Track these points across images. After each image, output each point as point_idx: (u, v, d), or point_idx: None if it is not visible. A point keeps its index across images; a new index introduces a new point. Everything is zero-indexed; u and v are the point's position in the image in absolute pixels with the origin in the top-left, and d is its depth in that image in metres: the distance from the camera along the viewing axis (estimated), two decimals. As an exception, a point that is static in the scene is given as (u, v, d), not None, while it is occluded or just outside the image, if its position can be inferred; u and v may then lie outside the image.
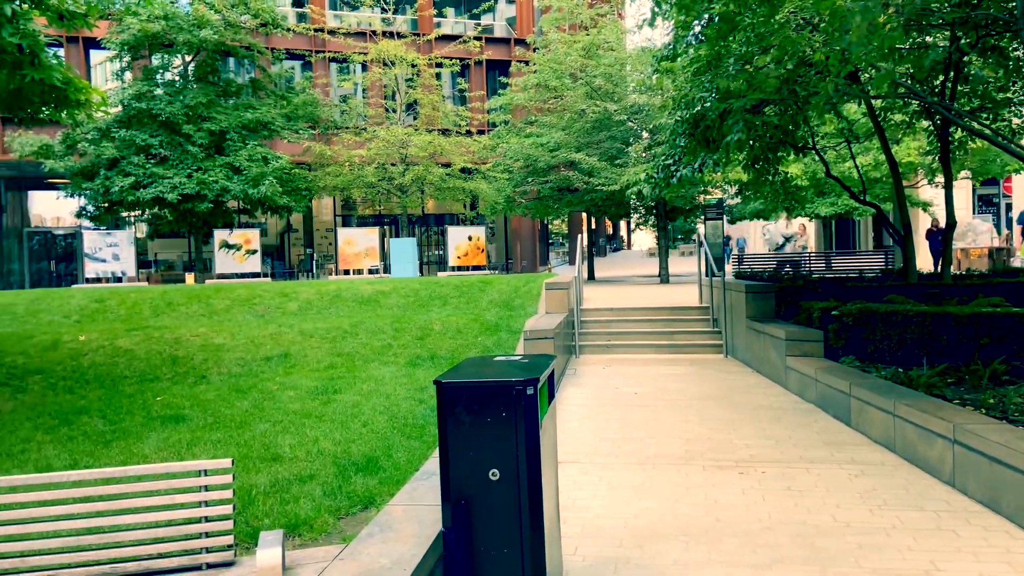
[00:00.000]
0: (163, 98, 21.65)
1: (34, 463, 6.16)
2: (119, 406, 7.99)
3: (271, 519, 4.91)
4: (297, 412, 7.62)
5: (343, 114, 26.62)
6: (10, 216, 37.97)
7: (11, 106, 8.84)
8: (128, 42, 21.48)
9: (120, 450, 6.45)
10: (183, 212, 22.11)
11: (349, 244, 25.75)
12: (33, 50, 7.22)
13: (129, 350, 10.56)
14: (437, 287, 15.13)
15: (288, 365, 10.09)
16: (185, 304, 14.11)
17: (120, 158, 20.92)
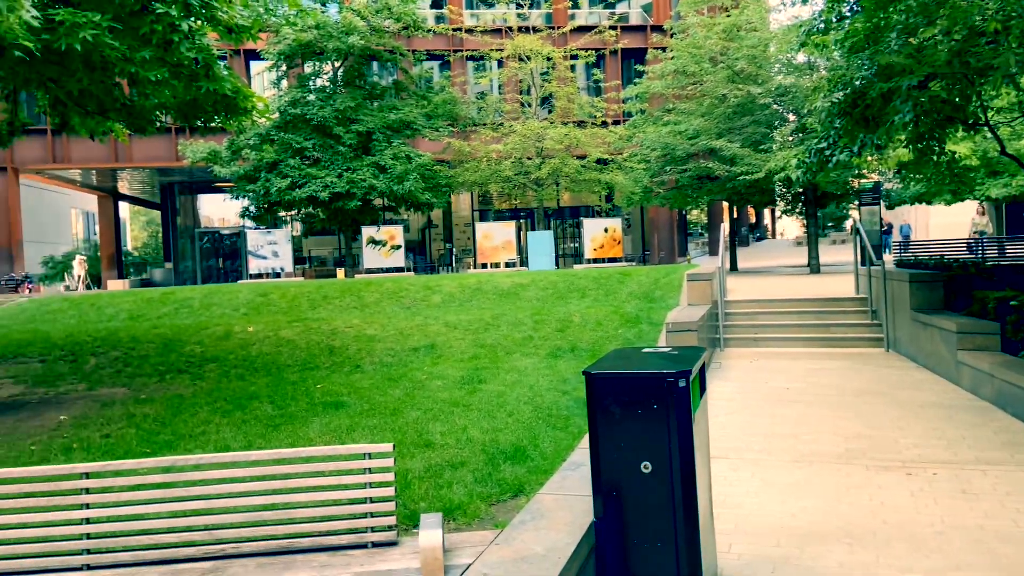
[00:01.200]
0: (315, 103, 22.94)
1: (214, 444, 6.73)
2: (285, 392, 8.57)
3: (427, 503, 5.11)
4: (445, 401, 7.87)
5: (480, 111, 27.16)
6: (183, 218, 41.52)
7: (187, 116, 9.66)
8: (284, 52, 22.92)
9: (288, 433, 6.92)
10: (334, 210, 23.35)
11: (487, 238, 26.26)
12: (207, 63, 7.88)
13: (291, 340, 11.30)
14: (575, 279, 15.16)
15: (435, 356, 10.45)
16: (339, 297, 14.92)
17: (278, 161, 22.38)
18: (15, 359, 10.98)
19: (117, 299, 16.01)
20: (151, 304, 15.29)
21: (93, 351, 11.16)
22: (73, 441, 7.01)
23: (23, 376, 10.20)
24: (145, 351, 11.12)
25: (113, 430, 7.34)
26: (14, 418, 8.15)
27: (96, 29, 6.59)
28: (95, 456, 6.54)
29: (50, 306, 15.57)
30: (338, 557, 4.01)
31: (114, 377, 10.08)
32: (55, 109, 9.97)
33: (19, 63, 7.31)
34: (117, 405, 8.47)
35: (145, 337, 11.85)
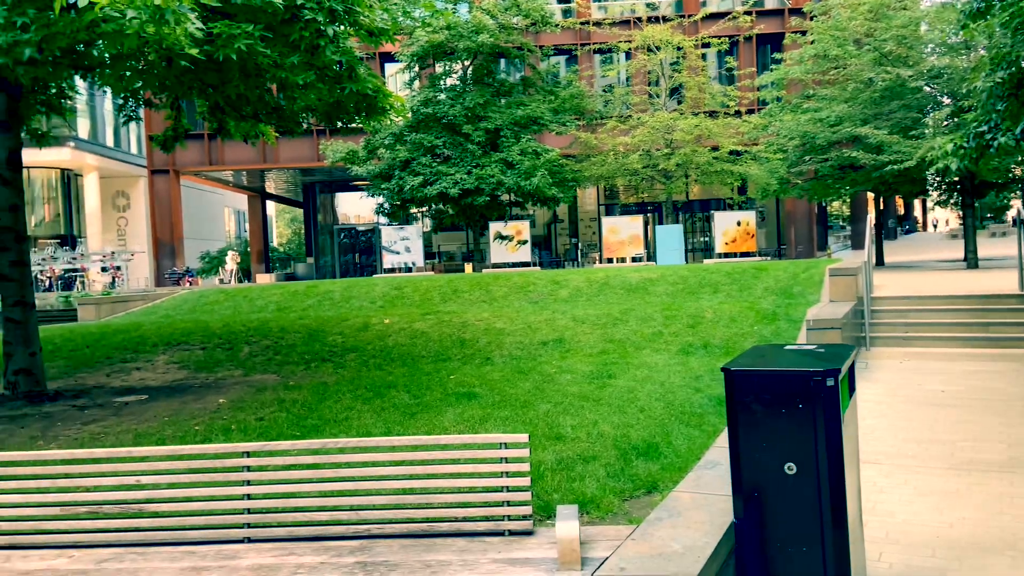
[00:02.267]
0: (446, 102, 23.54)
1: (356, 429, 7.05)
2: (420, 382, 8.87)
3: (559, 494, 5.14)
4: (575, 395, 7.88)
5: (607, 104, 26.95)
6: (323, 215, 43.72)
7: (331, 117, 10.17)
8: (417, 53, 23.65)
9: (424, 422, 7.15)
10: (463, 206, 23.88)
11: (613, 232, 26.04)
12: (351, 64, 8.28)
13: (424, 332, 11.67)
14: (706, 274, 14.77)
15: (563, 350, 10.48)
16: (468, 291, 15.26)
17: (411, 159, 23.14)
18: (179, 346, 11.96)
19: (266, 292, 17.10)
20: (296, 297, 16.22)
21: (247, 340, 11.98)
22: (231, 423, 7.55)
23: (187, 362, 11.10)
24: (292, 341, 11.81)
25: (266, 414, 7.84)
26: (180, 400, 8.88)
27: (250, 39, 7.05)
28: (251, 437, 7.01)
29: (208, 298, 16.84)
30: (476, 543, 4.10)
31: (265, 364, 10.77)
32: (213, 115, 10.76)
33: (184, 72, 7.94)
34: (269, 391, 9.04)
35: (292, 328, 12.58)
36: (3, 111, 9.15)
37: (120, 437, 7.30)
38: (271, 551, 4.19)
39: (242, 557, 4.13)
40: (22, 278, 9.39)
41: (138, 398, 9.11)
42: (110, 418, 8.12)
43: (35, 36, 6.29)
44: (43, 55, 6.48)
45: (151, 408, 8.50)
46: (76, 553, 4.32)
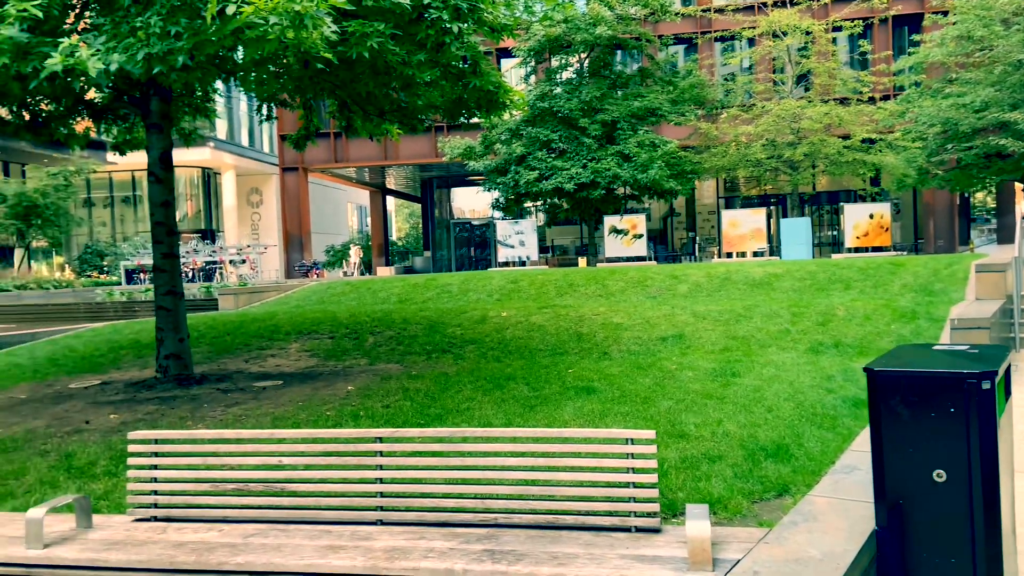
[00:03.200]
0: (562, 96, 23.52)
1: (478, 419, 7.19)
2: (538, 375, 8.92)
3: (684, 493, 5.05)
4: (697, 392, 7.71)
5: (728, 93, 26.14)
6: (440, 210, 44.73)
7: (453, 113, 10.38)
8: (534, 48, 23.75)
9: (544, 414, 7.19)
10: (578, 200, 23.81)
11: (733, 226, 25.26)
12: (475, 60, 8.42)
13: (541, 326, 11.74)
14: (836, 269, 14.08)
15: (683, 346, 10.27)
16: (584, 285, 15.22)
17: (527, 154, 23.28)
18: (310, 335, 12.57)
19: (388, 284, 17.69)
20: (416, 289, 16.69)
21: (371, 330, 12.44)
22: (360, 409, 7.86)
23: (317, 350, 11.64)
24: (414, 332, 12.16)
25: (392, 402, 8.12)
26: (312, 386, 9.33)
27: (381, 37, 7.29)
28: (378, 423, 7.29)
29: (335, 289, 17.60)
30: (602, 538, 4.09)
31: (389, 354, 11.15)
32: (342, 113, 11.21)
33: (318, 73, 8.31)
34: (393, 379, 9.36)
35: (413, 319, 12.96)
36: (157, 114, 9.88)
37: (259, 420, 7.75)
38: (402, 534, 4.34)
39: (375, 539, 4.29)
40: (172, 269, 10.12)
41: (274, 383, 9.64)
42: (250, 401, 8.63)
43: (187, 44, 6.75)
44: (193, 61, 6.94)
45: (286, 393, 8.98)
46: (225, 527, 4.62)
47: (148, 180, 10.08)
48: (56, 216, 31.76)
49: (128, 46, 6.84)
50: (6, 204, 29.90)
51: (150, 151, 10.00)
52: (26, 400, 9.31)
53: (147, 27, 6.82)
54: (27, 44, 6.68)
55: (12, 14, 6.47)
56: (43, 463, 6.61)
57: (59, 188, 31.62)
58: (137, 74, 6.86)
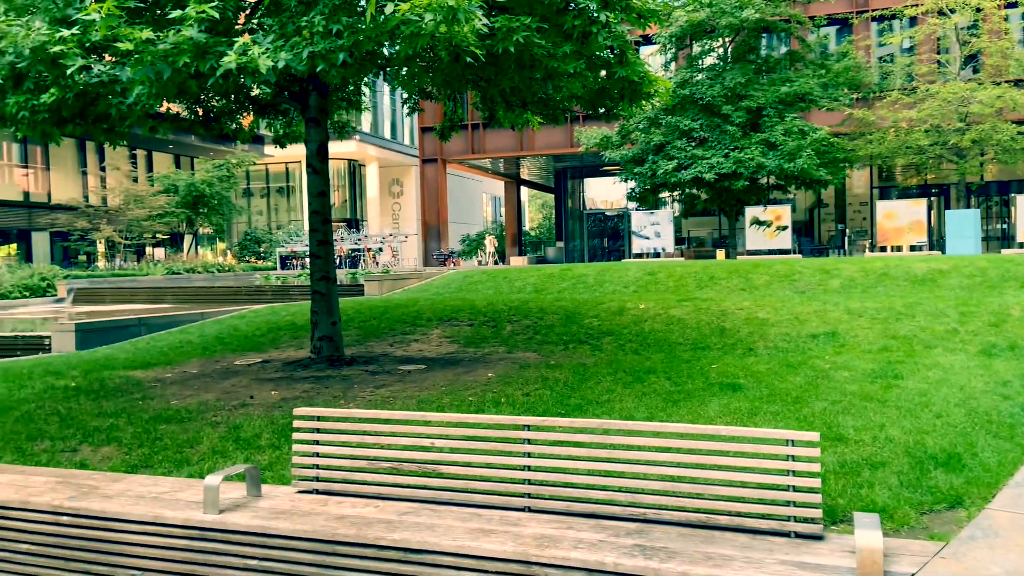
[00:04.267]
0: (704, 83, 22.82)
1: (618, 412, 7.12)
2: (679, 370, 8.73)
3: (844, 500, 4.78)
4: (855, 394, 7.28)
5: (886, 76, 24.45)
6: (572, 200, 44.69)
7: (594, 103, 10.29)
8: (675, 34, 23.16)
9: (687, 410, 7.03)
10: (718, 190, 23.06)
11: (889, 218, 23.70)
12: (622, 50, 8.30)
13: (681, 319, 11.47)
14: (1011, 266, 12.87)
15: (836, 344, 9.73)
16: (725, 278, 14.73)
17: (665, 143, 22.78)
18: (450, 321, 12.90)
19: (523, 274, 17.87)
20: (552, 279, 16.75)
21: (509, 319, 12.61)
22: (500, 396, 7.99)
23: (457, 337, 11.94)
24: (550, 322, 12.21)
25: (531, 390, 8.20)
26: (453, 372, 9.58)
27: (527, 31, 7.31)
28: (518, 411, 7.37)
29: (472, 278, 17.98)
30: (759, 541, 3.94)
31: (526, 343, 11.26)
32: (484, 104, 11.38)
33: (466, 67, 8.47)
34: (532, 368, 9.44)
35: (550, 309, 13.02)
36: (315, 109, 10.41)
37: (406, 402, 8.03)
38: (550, 523, 4.36)
39: (524, 525, 4.34)
40: (327, 256, 10.66)
41: (418, 367, 9.97)
42: (396, 384, 8.97)
43: (347, 42, 7.05)
44: (352, 58, 7.25)
45: (429, 377, 9.26)
46: (380, 504, 4.82)
47: (307, 171, 10.65)
48: (220, 205, 34.33)
49: (294, 44, 7.23)
50: (178, 194, 32.63)
51: (308, 144, 10.56)
52: (197, 375, 10.11)
53: (311, 26, 7.18)
54: (205, 44, 7.19)
55: (192, 16, 6.98)
56: (214, 434, 7.14)
57: (223, 179, 34.15)
58: (301, 71, 7.24)
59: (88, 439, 7.08)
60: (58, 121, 9.23)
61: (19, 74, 7.75)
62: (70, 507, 4.90)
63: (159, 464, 6.33)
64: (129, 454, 6.63)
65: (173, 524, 4.71)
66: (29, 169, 33.91)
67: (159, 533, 4.74)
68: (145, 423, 7.51)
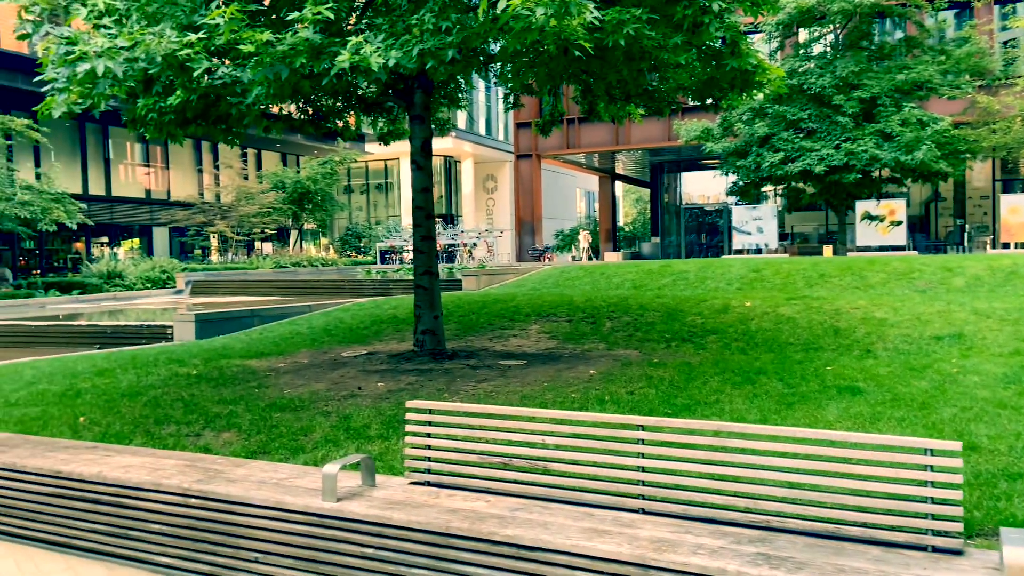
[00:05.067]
0: (813, 72, 21.93)
1: (729, 414, 6.90)
2: (792, 371, 8.39)
3: (980, 513, 4.48)
4: (987, 400, 6.81)
5: (1011, 62, 22.84)
6: (668, 195, 43.88)
7: (702, 94, 10.02)
8: (782, 21, 22.35)
9: (803, 413, 6.74)
10: (827, 184, 22.14)
11: (1014, 213, 22.19)
12: (734, 40, 8.04)
13: (791, 318, 11.05)
14: None
15: (963, 347, 9.14)
16: (837, 276, 14.11)
17: (771, 135, 22.03)
18: (548, 317, 12.88)
19: (621, 269, 17.67)
20: (651, 275, 16.49)
21: (608, 315, 12.48)
22: (604, 394, 7.90)
23: (555, 332, 11.91)
24: (651, 319, 12.01)
25: (635, 388, 8.06)
26: (554, 368, 9.54)
27: (638, 23, 7.17)
28: (622, 409, 7.26)
29: (569, 274, 17.92)
30: (893, 555, 3.71)
31: (626, 340, 11.11)
32: (584, 99, 11.28)
33: (572, 61, 8.39)
34: (634, 366, 9.29)
35: (650, 305, 12.81)
36: (419, 106, 10.57)
37: (509, 397, 8.05)
38: (666, 526, 4.25)
39: (639, 527, 4.25)
40: (429, 251, 10.83)
41: (518, 363, 9.99)
42: (498, 379, 9.01)
43: (456, 38, 7.11)
44: (461, 55, 7.30)
45: (530, 373, 9.26)
46: (491, 499, 4.83)
47: (411, 167, 10.84)
48: (323, 201, 35.55)
49: (404, 43, 7.35)
50: (285, 190, 33.98)
51: (412, 140, 10.74)
52: (308, 365, 10.47)
53: (421, 24, 7.28)
54: (320, 44, 7.40)
55: (308, 17, 7.19)
56: (326, 423, 7.36)
57: (326, 176, 35.32)
58: (411, 68, 7.35)
59: (210, 424, 7.43)
60: (182, 122, 9.72)
61: (148, 78, 8.21)
62: (198, 490, 5.14)
63: (276, 451, 6.58)
64: (248, 440, 6.92)
65: (293, 510, 4.86)
66: (150, 168, 36.07)
67: (280, 518, 4.91)
68: (262, 410, 7.82)
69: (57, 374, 9.96)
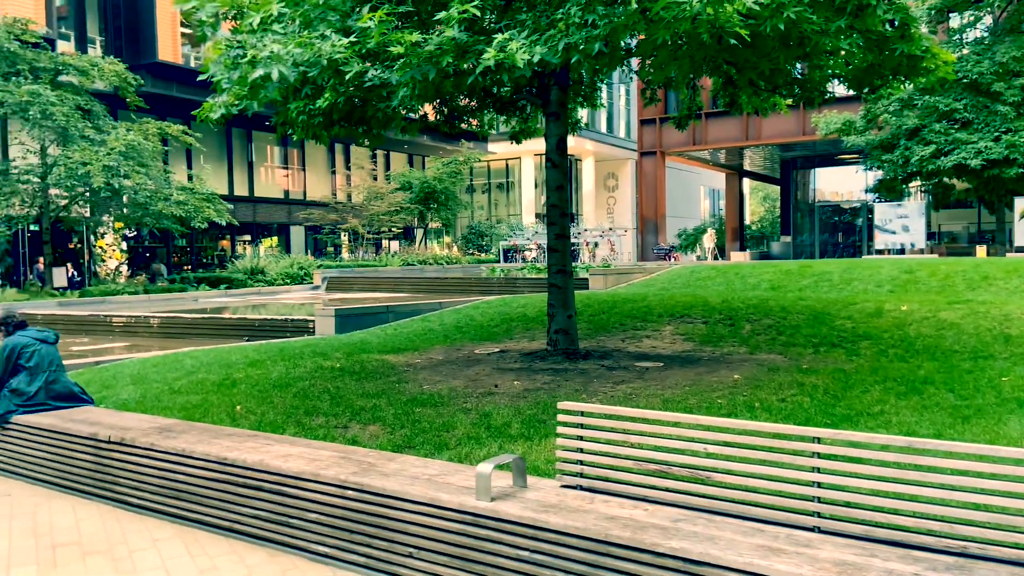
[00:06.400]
0: (969, 58, 20.28)
1: (896, 426, 6.39)
2: (962, 381, 7.71)
3: None
4: None
5: None
6: (800, 192, 41.93)
7: (860, 82, 9.37)
8: (934, 6, 20.80)
9: (981, 428, 6.15)
10: (985, 179, 20.42)
11: None
12: (904, 23, 7.44)
13: (954, 323, 10.19)
14: None
15: None
16: (1003, 278, 12.94)
17: (920, 127, 20.57)
18: (682, 318, 12.49)
19: (757, 270, 16.94)
20: (790, 276, 15.72)
21: (747, 317, 11.95)
22: (752, 400, 7.51)
23: (691, 334, 11.52)
24: (795, 322, 11.40)
25: (787, 395, 7.63)
26: (693, 371, 9.20)
27: (799, 6, 6.75)
28: (775, 417, 6.87)
29: (700, 273, 17.37)
30: None
31: (769, 344, 10.59)
32: (725, 91, 10.83)
33: (720, 51, 8.04)
34: (781, 372, 8.82)
35: (793, 308, 12.17)
36: (556, 103, 10.48)
37: (649, 400, 7.81)
38: (848, 547, 3.92)
39: (817, 547, 3.94)
40: (564, 249, 10.72)
41: (654, 364, 9.71)
42: (635, 381, 8.78)
43: (603, 31, 6.94)
44: (608, 47, 7.13)
45: (669, 376, 8.96)
46: (649, 507, 4.63)
47: (546, 165, 10.76)
48: (448, 200, 36.27)
49: (548, 38, 7.24)
50: (412, 190, 34.91)
51: (548, 138, 10.66)
52: (443, 361, 10.60)
53: (567, 18, 7.15)
54: (465, 43, 7.42)
55: (455, 16, 7.22)
56: (466, 419, 7.37)
57: (451, 176, 36.02)
58: (555, 63, 7.24)
59: (356, 417, 7.61)
60: (327, 124, 10.06)
61: (303, 82, 8.52)
62: (354, 482, 5.23)
63: (420, 446, 6.64)
64: (392, 434, 7.03)
65: (447, 507, 4.85)
66: (288, 170, 37.98)
67: (434, 515, 4.91)
68: (403, 405, 7.95)
69: (214, 364, 10.55)
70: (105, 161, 22.27)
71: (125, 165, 23.06)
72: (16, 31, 23.26)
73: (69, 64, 24.39)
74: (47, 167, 23.68)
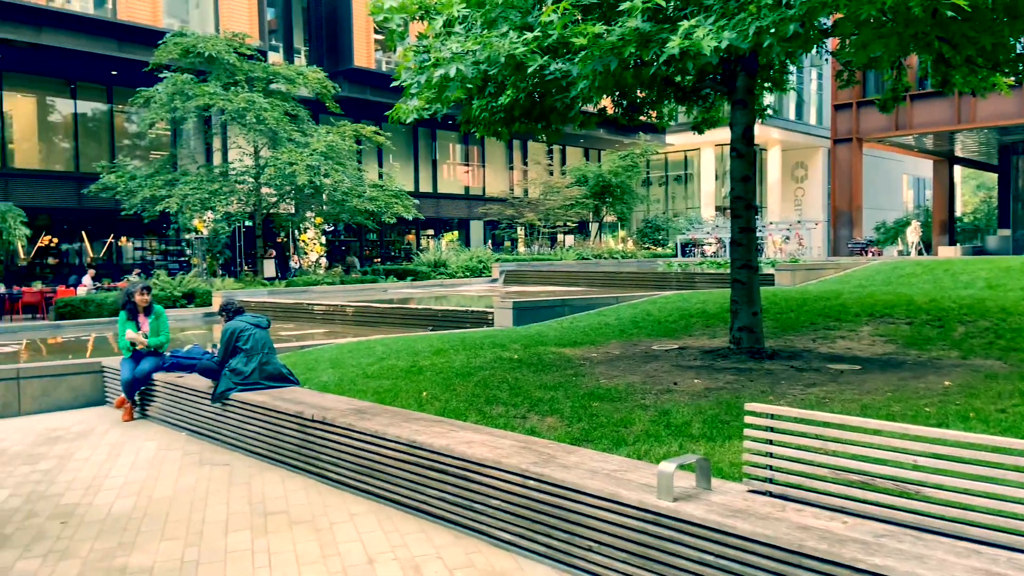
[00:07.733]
0: None
1: None
2: None
3: None
4: None
5: None
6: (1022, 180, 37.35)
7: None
8: None
9: None
10: None
11: None
12: None
13: None
14: None
15: None
16: None
17: None
18: (882, 318, 11.54)
19: (970, 266, 15.31)
20: (1010, 273, 14.06)
21: (959, 318, 10.83)
22: (967, 410, 6.78)
23: (892, 336, 10.61)
24: (1017, 324, 10.17)
25: (1007, 406, 6.81)
26: (896, 375, 8.46)
27: (1031, -31, 5.98)
28: (992, 429, 6.16)
29: (903, 270, 15.97)
30: None
31: (986, 348, 9.52)
32: (936, 69, 9.84)
33: (936, 25, 7.30)
34: (1000, 379, 7.89)
35: (1015, 309, 10.87)
36: (742, 90, 10.03)
37: (845, 405, 7.27)
38: (1092, 584, 3.43)
39: (1051, 579, 3.48)
40: (749, 243, 10.24)
41: (851, 367, 9.04)
42: (828, 384, 8.21)
43: (799, 11, 6.52)
44: (803, 28, 6.70)
45: (867, 380, 8.30)
46: (848, 520, 4.31)
47: (731, 155, 10.35)
48: (624, 194, 35.97)
49: (738, 22, 6.93)
50: (587, 184, 34.98)
51: (734, 127, 10.22)
52: (619, 356, 10.51)
53: (758, 0, 6.80)
54: (648, 32, 7.27)
55: (639, 6, 7.09)
56: (644, 416, 7.25)
57: (627, 169, 35.68)
58: (744, 48, 6.91)
59: (534, 408, 7.72)
60: (508, 120, 10.27)
61: (485, 80, 8.75)
62: (535, 472, 5.30)
63: (598, 440, 6.61)
64: (570, 427, 7.06)
65: (628, 504, 4.79)
66: (469, 167, 39.37)
67: (613, 510, 4.87)
68: (580, 398, 7.96)
69: (402, 351, 11.15)
70: (308, 161, 24.30)
71: (325, 165, 25.03)
72: (235, 44, 25.90)
73: (279, 73, 26.84)
74: (260, 168, 26.19)
